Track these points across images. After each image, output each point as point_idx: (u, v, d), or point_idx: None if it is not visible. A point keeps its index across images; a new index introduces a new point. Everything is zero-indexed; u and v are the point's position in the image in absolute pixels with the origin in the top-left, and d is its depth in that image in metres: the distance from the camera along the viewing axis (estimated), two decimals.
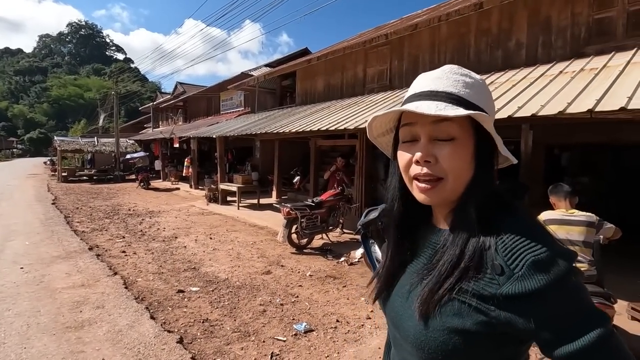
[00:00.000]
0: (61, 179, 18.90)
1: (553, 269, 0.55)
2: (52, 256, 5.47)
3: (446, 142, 0.63)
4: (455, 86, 0.65)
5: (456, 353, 0.61)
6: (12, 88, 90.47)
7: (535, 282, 0.55)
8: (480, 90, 0.67)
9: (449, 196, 0.65)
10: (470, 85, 0.66)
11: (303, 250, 6.24)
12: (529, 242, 0.58)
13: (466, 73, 0.67)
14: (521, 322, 0.57)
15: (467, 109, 0.62)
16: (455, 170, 0.63)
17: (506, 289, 0.57)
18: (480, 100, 0.65)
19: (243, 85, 13.43)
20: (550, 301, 0.55)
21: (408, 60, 7.78)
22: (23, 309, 3.60)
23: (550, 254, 0.56)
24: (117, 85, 22.91)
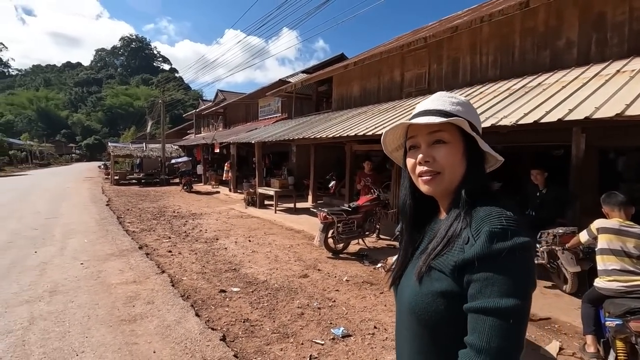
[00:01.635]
0: (113, 182, 20.34)
1: (500, 241, 0.68)
2: (107, 254, 5.92)
3: (440, 145, 0.82)
4: (443, 105, 0.85)
5: (439, 313, 0.75)
6: (72, 98, 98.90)
7: (484, 248, 0.69)
8: (465, 107, 0.85)
9: (446, 186, 0.83)
10: (455, 103, 0.85)
11: (339, 255, 6.25)
12: (492, 218, 0.72)
13: (453, 95, 0.88)
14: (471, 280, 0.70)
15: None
16: (449, 165, 0.81)
17: (466, 254, 0.71)
18: (465, 113, 0.84)
19: (280, 92, 13.76)
20: (489, 266, 0.68)
21: (447, 63, 7.59)
22: (83, 301, 3.93)
23: (502, 228, 0.69)
24: (163, 94, 24.29)
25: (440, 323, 0.75)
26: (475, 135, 0.81)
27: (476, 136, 0.81)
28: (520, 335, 0.67)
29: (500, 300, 0.65)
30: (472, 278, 0.69)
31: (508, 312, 0.65)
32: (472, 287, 0.69)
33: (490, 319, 0.65)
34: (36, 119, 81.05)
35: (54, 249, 6.16)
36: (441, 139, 0.82)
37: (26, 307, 3.73)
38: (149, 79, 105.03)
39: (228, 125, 23.40)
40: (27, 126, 73.90)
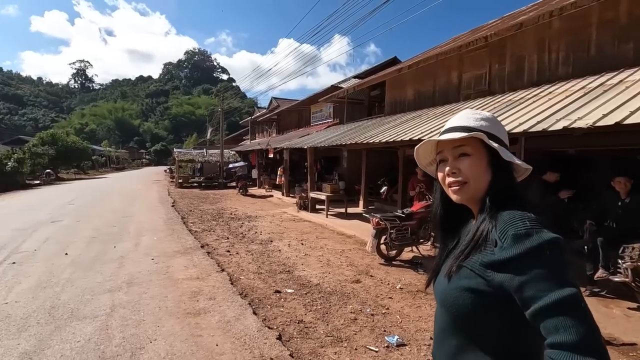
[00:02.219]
0: (177, 185, 22.00)
1: (527, 241, 0.74)
2: (174, 251, 6.41)
3: (465, 158, 0.91)
4: (467, 121, 0.94)
5: (465, 307, 0.83)
6: (143, 109, 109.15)
7: (513, 250, 0.75)
8: (488, 121, 0.94)
9: (473, 194, 0.91)
10: (479, 119, 0.94)
11: (392, 262, 6.14)
12: (514, 220, 0.79)
13: (477, 112, 0.97)
14: (507, 282, 0.76)
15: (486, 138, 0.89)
16: (473, 175, 0.90)
17: (496, 256, 0.78)
18: (488, 127, 0.93)
19: (332, 98, 13.91)
20: (524, 266, 0.73)
21: (510, 62, 7.14)
22: (154, 293, 4.31)
23: (526, 230, 0.76)
24: (222, 102, 25.82)
25: (466, 315, 0.84)
26: (496, 146, 0.88)
27: (498, 147, 0.88)
28: (593, 319, 0.69)
29: (559, 292, 0.69)
30: (518, 280, 0.74)
31: (574, 300, 0.69)
32: (523, 291, 0.73)
33: (564, 313, 0.68)
34: (114, 127, 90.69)
35: (130, 244, 6.83)
36: (465, 152, 0.92)
37: (108, 296, 4.18)
38: (209, 88, 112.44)
39: (281, 131, 24.17)
40: (107, 134, 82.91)
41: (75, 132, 52.54)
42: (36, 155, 27.36)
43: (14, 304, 3.90)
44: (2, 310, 3.74)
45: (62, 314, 3.67)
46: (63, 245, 6.66)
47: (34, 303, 3.93)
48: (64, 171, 32.89)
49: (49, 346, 3.04)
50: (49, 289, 4.37)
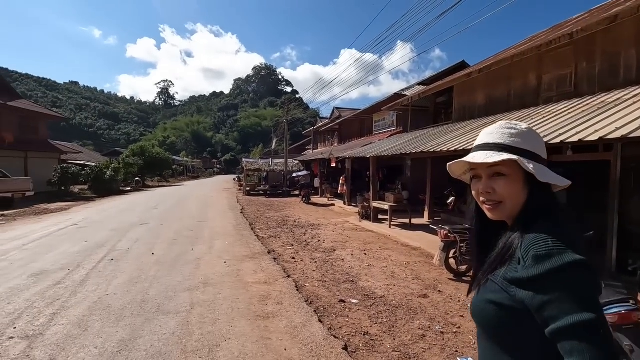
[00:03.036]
0: (245, 193, 23.31)
1: (547, 262, 0.75)
2: (243, 255, 6.79)
3: (500, 177, 0.90)
4: (502, 138, 0.92)
5: (491, 319, 0.87)
6: (215, 122, 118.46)
7: (534, 270, 0.77)
8: (524, 137, 0.91)
9: (509, 213, 0.91)
10: (514, 134, 0.91)
11: (462, 278, 5.78)
12: (537, 241, 0.80)
13: (512, 126, 0.93)
14: (528, 300, 0.78)
15: (510, 153, 0.88)
16: (509, 196, 0.90)
17: (519, 274, 0.80)
18: (524, 143, 0.90)
19: (396, 106, 13.68)
20: (544, 286, 0.75)
21: (602, 60, 6.36)
22: (227, 294, 4.59)
23: (547, 252, 0.76)
24: (287, 114, 26.92)
25: (492, 326, 0.88)
26: (532, 168, 0.86)
27: (533, 169, 0.86)
28: (612, 345, 0.70)
29: (579, 316, 0.70)
30: (537, 300, 0.76)
31: (593, 325, 0.70)
32: (542, 311, 0.75)
33: (581, 336, 0.69)
34: (190, 139, 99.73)
35: (205, 247, 7.39)
36: (500, 172, 0.90)
37: (188, 294, 4.56)
38: (274, 101, 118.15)
39: (343, 141, 24.37)
40: (184, 146, 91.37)
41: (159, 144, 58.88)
42: (128, 165, 31.13)
43: (113, 296, 4.45)
44: (104, 301, 4.29)
45: (150, 307, 4.09)
46: (150, 245, 7.44)
47: (128, 296, 4.45)
48: (149, 179, 36.90)
49: (140, 336, 3.41)
50: (140, 284, 4.92)
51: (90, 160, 31.13)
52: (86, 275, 5.28)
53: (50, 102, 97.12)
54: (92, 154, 42.19)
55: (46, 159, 22.06)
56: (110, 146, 73.21)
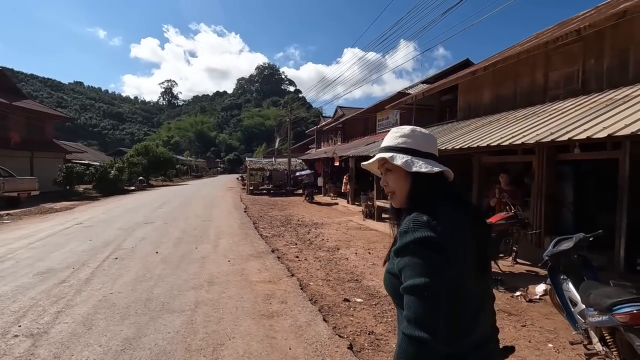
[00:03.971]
0: (249, 192, 23.34)
1: (404, 238, 0.95)
2: (248, 254, 6.78)
3: (389, 172, 1.13)
4: (389, 141, 1.15)
5: (388, 286, 1.04)
6: (219, 121, 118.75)
7: (399, 244, 0.97)
8: (407, 137, 1.12)
9: (401, 200, 1.12)
10: (398, 136, 1.13)
11: None
12: (407, 222, 0.98)
13: (397, 130, 1.15)
14: (397, 267, 0.97)
15: (392, 152, 1.11)
16: (397, 187, 1.11)
17: (395, 247, 1.00)
18: (407, 143, 1.11)
19: (400, 105, 13.61)
20: (401, 256, 0.95)
21: (611, 56, 6.27)
22: (232, 293, 4.58)
23: (406, 230, 0.96)
24: (290, 113, 26.91)
25: (390, 292, 1.05)
26: (401, 163, 1.07)
27: (400, 164, 1.07)
28: (434, 304, 0.88)
29: (413, 280, 0.90)
30: (398, 266, 0.97)
31: (419, 288, 0.88)
32: (400, 275, 0.95)
33: (410, 296, 0.90)
34: (194, 139, 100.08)
35: (209, 246, 7.39)
36: (388, 168, 1.13)
37: (192, 293, 4.56)
38: (277, 100, 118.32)
39: (346, 140, 24.32)
40: (188, 145, 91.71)
41: (163, 144, 59.17)
42: (133, 165, 31.27)
43: (118, 295, 4.46)
44: (109, 299, 4.29)
45: (155, 306, 4.09)
46: (155, 244, 7.46)
47: (133, 295, 4.45)
48: (153, 178, 37.06)
49: (145, 334, 3.40)
50: (145, 282, 4.92)
51: (95, 160, 31.32)
52: (91, 274, 5.29)
53: (55, 102, 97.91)
54: (97, 154, 42.47)
55: (51, 159, 22.21)
56: (115, 146, 73.67)
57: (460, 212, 1.02)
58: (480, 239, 1.04)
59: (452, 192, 1.08)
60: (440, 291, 0.90)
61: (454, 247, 0.94)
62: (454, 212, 1.01)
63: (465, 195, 1.12)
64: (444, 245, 0.93)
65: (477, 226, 1.05)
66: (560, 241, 3.69)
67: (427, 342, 0.85)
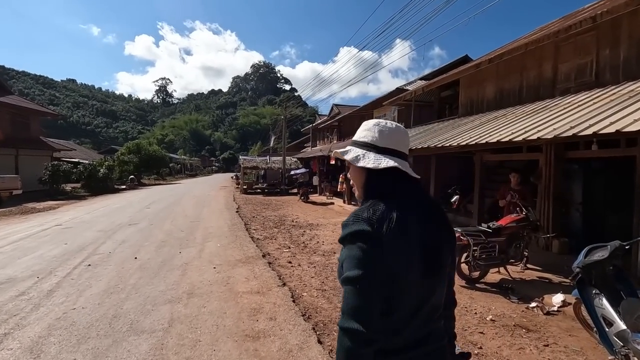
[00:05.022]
0: (242, 191, 22.75)
1: (343, 230, 0.98)
2: (236, 259, 6.23)
3: (351, 166, 1.15)
4: (356, 134, 1.18)
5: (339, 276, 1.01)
6: (214, 120, 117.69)
7: (341, 235, 1.00)
8: (366, 131, 1.13)
9: (360, 193, 1.14)
10: (361, 130, 1.16)
11: (475, 285, 5.25)
12: (350, 214, 1.01)
13: (364, 123, 1.16)
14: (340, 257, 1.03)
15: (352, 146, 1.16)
16: (355, 180, 1.15)
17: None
18: (365, 137, 1.12)
19: (398, 101, 13.12)
20: (343, 247, 0.99)
21: (629, 45, 5.80)
22: (214, 307, 4.03)
23: (346, 222, 0.99)
24: (285, 111, 26.34)
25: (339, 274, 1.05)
26: (347, 157, 1.11)
27: (346, 157, 1.12)
28: (366, 297, 0.90)
29: (348, 272, 0.92)
30: (340, 258, 1.00)
31: (352, 280, 0.91)
32: (341, 265, 0.98)
33: (345, 287, 0.93)
34: (189, 137, 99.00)
35: (195, 250, 6.84)
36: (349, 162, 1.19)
37: (168, 308, 4.00)
38: (273, 99, 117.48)
39: (342, 138, 23.80)
40: (183, 144, 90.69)
41: (157, 143, 58.32)
42: (123, 163, 30.52)
43: (81, 311, 3.88)
44: (69, 317, 3.73)
45: (121, 325, 3.53)
46: (135, 248, 6.88)
47: (99, 311, 3.89)
48: (145, 177, 36.29)
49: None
50: (115, 295, 4.35)
51: (85, 158, 30.47)
52: (56, 284, 4.72)
53: (47, 100, 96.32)
54: (88, 152, 41.52)
55: (38, 157, 21.44)
56: (109, 144, 72.48)
57: (408, 210, 0.98)
58: (430, 240, 1.00)
59: (406, 188, 1.06)
60: (373, 285, 0.91)
61: (392, 243, 0.93)
62: (401, 209, 0.97)
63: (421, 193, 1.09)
64: (380, 240, 0.92)
65: (428, 226, 1.01)
66: (592, 250, 3.20)
67: (359, 334, 0.87)
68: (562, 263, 6.33)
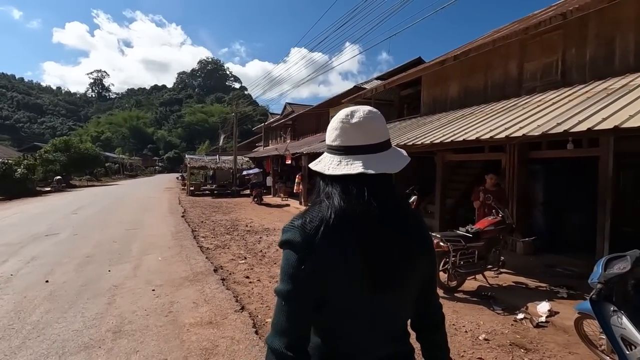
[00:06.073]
0: (189, 193, 21.01)
1: (280, 236, 0.87)
2: (181, 277, 5.19)
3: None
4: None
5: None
6: (157, 117, 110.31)
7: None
8: (328, 129, 0.95)
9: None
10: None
11: (454, 295, 4.81)
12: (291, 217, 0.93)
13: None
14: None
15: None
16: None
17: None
18: (328, 137, 0.95)
19: (358, 99, 12.69)
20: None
21: (596, 45, 5.78)
22: (150, 352, 3.03)
23: (283, 228, 0.87)
24: (236, 107, 24.95)
25: None
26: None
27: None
28: (290, 312, 0.82)
29: (277, 285, 0.85)
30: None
31: (278, 293, 0.84)
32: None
33: (277, 296, 0.85)
34: (128, 135, 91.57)
35: (129, 267, 5.64)
36: None
37: (83, 357, 2.94)
38: (222, 97, 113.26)
39: (297, 137, 23.07)
40: (122, 142, 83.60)
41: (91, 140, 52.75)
42: (48, 162, 26.90)
43: None
44: None
45: None
46: (48, 267, 5.51)
47: None
48: (76, 178, 32.45)
49: None
50: (4, 342, 3.16)
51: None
52: None
53: None
54: (4, 150, 36.11)
55: None
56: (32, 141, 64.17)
57: (356, 214, 0.82)
58: (382, 249, 0.83)
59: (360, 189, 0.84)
60: (301, 301, 0.82)
61: (327, 253, 0.80)
62: (345, 212, 0.82)
63: (383, 193, 0.85)
64: (312, 250, 0.80)
65: (383, 233, 0.83)
66: (610, 261, 2.81)
67: (278, 351, 0.80)
68: (530, 264, 6.22)
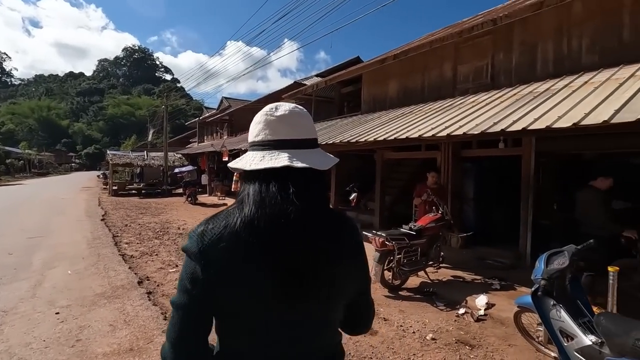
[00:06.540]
0: (112, 193, 18.91)
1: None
2: (95, 293, 4.41)
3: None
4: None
5: None
6: (73, 108, 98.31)
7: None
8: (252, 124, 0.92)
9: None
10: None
11: (398, 293, 4.80)
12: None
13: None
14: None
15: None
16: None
17: None
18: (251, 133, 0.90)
19: (299, 94, 12.42)
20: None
21: (520, 51, 6.21)
22: None
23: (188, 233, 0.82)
24: (166, 99, 23.08)
25: None
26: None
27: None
28: (182, 324, 0.78)
29: (173, 296, 0.81)
30: None
31: (172, 303, 0.80)
32: None
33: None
34: (37, 128, 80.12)
35: (26, 285, 4.66)
36: None
37: None
38: (151, 89, 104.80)
39: (234, 133, 22.10)
40: (28, 135, 72.86)
41: None
42: None
43: None
44: None
45: None
46: None
47: None
48: None
49: None
50: None
51: None
52: None
53: None
54: None
55: None
56: None
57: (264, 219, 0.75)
58: (286, 263, 0.75)
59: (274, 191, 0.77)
60: (191, 312, 0.78)
61: (225, 263, 0.75)
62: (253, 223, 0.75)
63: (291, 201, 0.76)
64: (207, 260, 0.75)
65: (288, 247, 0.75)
66: (553, 256, 2.89)
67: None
68: (464, 258, 6.54)
